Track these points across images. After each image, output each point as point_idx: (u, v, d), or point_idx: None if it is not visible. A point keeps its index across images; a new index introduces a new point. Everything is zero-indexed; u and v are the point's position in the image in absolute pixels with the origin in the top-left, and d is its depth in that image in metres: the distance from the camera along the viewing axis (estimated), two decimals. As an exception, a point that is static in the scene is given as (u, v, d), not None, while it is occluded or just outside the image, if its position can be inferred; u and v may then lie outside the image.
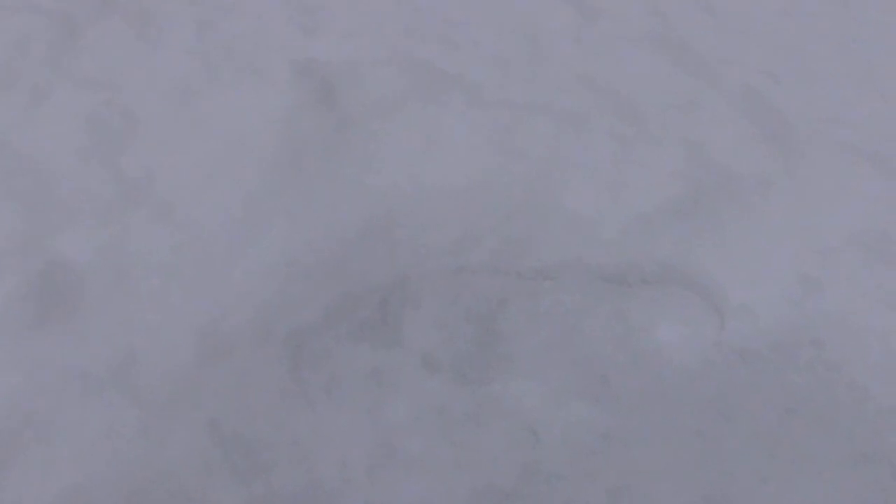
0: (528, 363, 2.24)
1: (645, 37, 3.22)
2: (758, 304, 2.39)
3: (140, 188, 2.56)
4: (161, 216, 2.48)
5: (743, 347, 2.34)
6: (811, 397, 2.32)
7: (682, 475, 2.14)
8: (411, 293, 2.30)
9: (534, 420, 2.14)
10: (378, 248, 2.37)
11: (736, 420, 2.25)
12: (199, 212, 2.46)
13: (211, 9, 3.29)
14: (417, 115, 2.75)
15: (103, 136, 2.75)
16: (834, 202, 2.62)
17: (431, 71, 2.92)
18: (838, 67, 3.12)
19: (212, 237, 2.38)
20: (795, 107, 2.89)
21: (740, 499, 2.13)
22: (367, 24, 3.23)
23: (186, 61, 3.02)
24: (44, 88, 2.92)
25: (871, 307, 2.43)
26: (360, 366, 2.18)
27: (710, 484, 2.14)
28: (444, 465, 2.06)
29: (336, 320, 2.25)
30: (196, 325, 2.20)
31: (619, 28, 3.28)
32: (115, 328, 2.21)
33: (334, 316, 2.25)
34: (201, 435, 2.04)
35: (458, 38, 3.15)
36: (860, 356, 2.37)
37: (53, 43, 3.14)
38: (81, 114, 2.82)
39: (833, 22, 3.38)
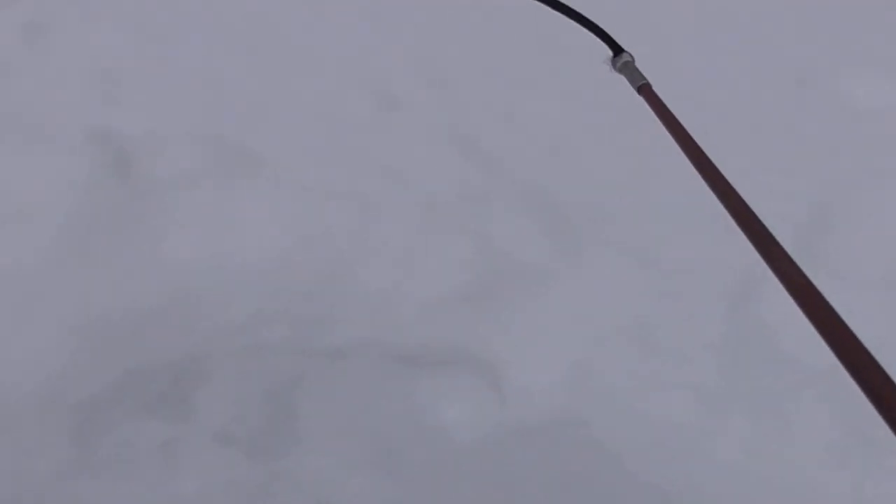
0: (319, 438, 2.29)
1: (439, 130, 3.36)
2: (535, 386, 2.56)
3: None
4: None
5: (521, 426, 2.49)
6: (580, 473, 2.49)
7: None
8: (205, 369, 2.31)
9: (323, 491, 2.19)
10: (172, 323, 2.37)
11: (514, 493, 2.39)
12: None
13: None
14: (216, 192, 2.78)
15: None
16: (605, 293, 2.84)
17: (233, 149, 2.96)
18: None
19: (-3, 304, 2.30)
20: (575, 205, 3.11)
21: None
22: (170, 97, 3.21)
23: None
24: None
25: (633, 389, 2.65)
26: (150, 439, 2.16)
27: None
28: (232, 538, 2.07)
29: (126, 393, 2.22)
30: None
31: (415, 120, 3.42)
32: None
33: (125, 388, 2.22)
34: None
35: (261, 119, 3.19)
36: (622, 435, 2.57)
37: None
38: None
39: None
